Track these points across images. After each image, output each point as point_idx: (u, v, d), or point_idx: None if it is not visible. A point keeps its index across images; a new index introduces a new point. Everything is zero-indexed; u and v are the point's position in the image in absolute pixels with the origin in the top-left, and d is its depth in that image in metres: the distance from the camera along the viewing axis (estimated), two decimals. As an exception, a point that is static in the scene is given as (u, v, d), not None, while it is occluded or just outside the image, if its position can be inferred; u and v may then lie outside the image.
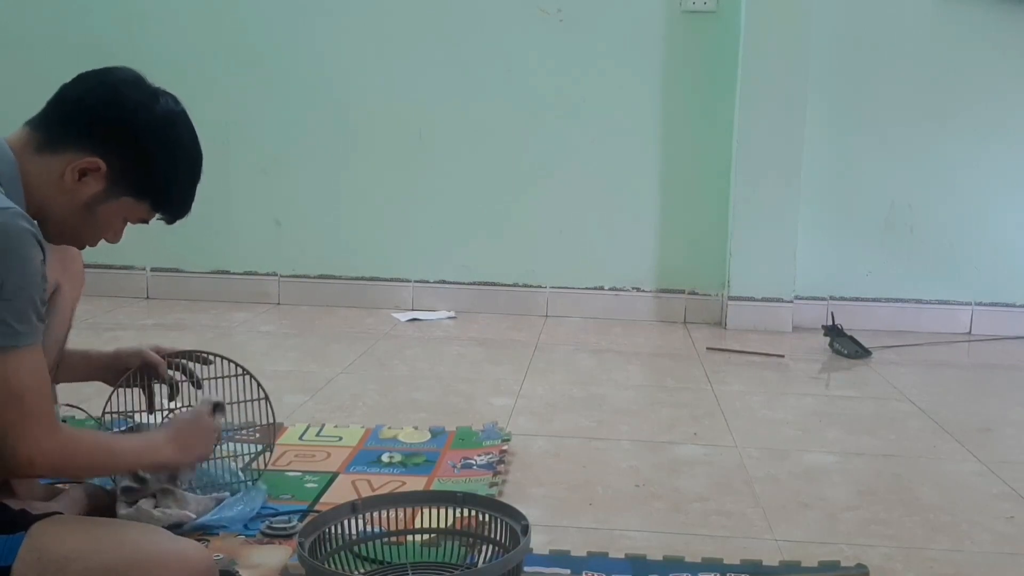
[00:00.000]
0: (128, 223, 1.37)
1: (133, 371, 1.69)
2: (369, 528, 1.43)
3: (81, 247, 1.39)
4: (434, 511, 1.47)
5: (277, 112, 3.53)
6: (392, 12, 3.44)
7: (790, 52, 3.25)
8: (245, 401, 1.80)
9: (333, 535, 1.39)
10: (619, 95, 3.42)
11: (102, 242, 1.38)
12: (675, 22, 3.36)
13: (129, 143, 1.29)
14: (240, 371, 1.80)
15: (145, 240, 3.61)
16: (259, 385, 1.81)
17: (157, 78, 1.39)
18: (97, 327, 3.10)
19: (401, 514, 1.46)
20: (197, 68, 3.47)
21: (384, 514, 1.44)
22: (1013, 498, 1.89)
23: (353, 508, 1.42)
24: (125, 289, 3.58)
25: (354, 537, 1.41)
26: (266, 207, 3.59)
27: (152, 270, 3.64)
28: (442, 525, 1.47)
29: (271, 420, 1.81)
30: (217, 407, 1.56)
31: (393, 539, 1.46)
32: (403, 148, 3.51)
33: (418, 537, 1.50)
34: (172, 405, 1.76)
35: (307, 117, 3.52)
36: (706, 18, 3.35)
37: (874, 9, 3.31)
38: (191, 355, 1.76)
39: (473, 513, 1.45)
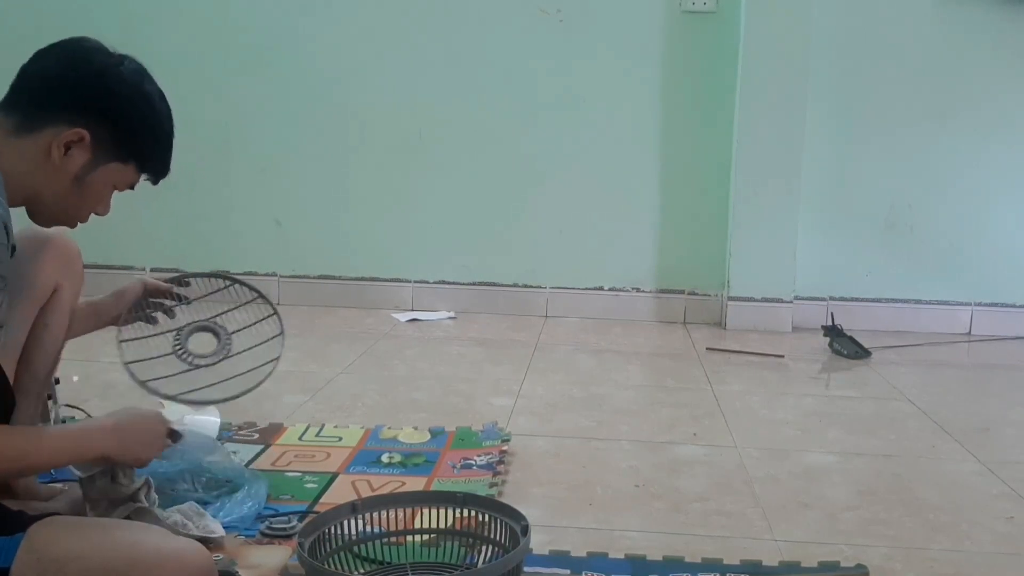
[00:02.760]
0: (116, 191, 1.37)
1: (135, 302, 1.70)
2: (369, 528, 1.43)
3: (74, 225, 1.37)
4: (434, 511, 1.47)
5: (277, 112, 3.53)
6: (392, 12, 3.44)
7: (790, 52, 3.25)
8: (251, 325, 1.78)
9: (333, 535, 1.39)
10: (619, 95, 3.42)
11: (100, 241, 1.37)
12: (675, 22, 3.36)
13: (108, 107, 1.29)
14: (247, 292, 1.79)
15: (145, 240, 3.64)
16: (260, 295, 1.79)
17: (157, 78, 1.39)
18: (97, 327, 3.10)
19: (401, 514, 1.46)
20: (197, 68, 3.47)
21: (384, 514, 1.44)
22: (1013, 498, 1.89)
23: (353, 508, 1.42)
24: (125, 289, 3.57)
25: (354, 537, 1.41)
26: (266, 207, 3.59)
27: (152, 270, 3.64)
28: (442, 525, 1.47)
29: (280, 331, 1.78)
30: (174, 433, 1.44)
31: (393, 539, 1.46)
32: (403, 148, 3.51)
33: (418, 537, 1.51)
34: (178, 325, 1.76)
35: (307, 117, 3.52)
36: (706, 18, 3.35)
37: (874, 9, 3.31)
38: (177, 281, 1.78)
39: (473, 513, 1.45)
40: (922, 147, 3.37)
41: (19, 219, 1.41)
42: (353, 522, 1.41)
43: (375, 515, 1.43)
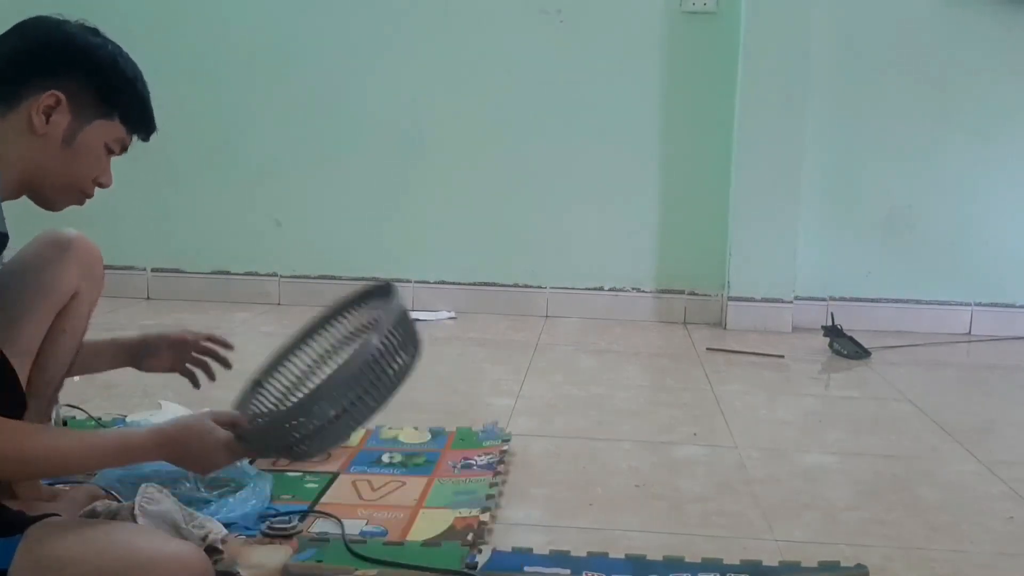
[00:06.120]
0: (113, 154, 1.36)
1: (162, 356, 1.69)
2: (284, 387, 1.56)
3: (82, 200, 1.36)
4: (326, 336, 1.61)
5: (277, 112, 3.53)
6: (392, 12, 3.44)
7: (790, 52, 3.25)
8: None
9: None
10: (619, 95, 3.42)
11: (100, 240, 1.38)
12: (675, 22, 3.36)
13: (74, 61, 1.29)
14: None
15: (145, 240, 3.64)
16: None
17: (158, 79, 1.39)
18: (98, 328, 3.07)
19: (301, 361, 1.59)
20: (198, 69, 3.48)
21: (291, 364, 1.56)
22: (1013, 498, 1.88)
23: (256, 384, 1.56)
24: (125, 289, 3.58)
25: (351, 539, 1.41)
26: (266, 207, 3.59)
27: (152, 270, 3.64)
28: (443, 527, 1.47)
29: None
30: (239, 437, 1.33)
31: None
32: (403, 148, 3.51)
33: (418, 537, 1.51)
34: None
35: (307, 117, 3.52)
36: (706, 18, 3.35)
37: (874, 9, 3.31)
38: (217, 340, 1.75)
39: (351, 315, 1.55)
40: (922, 147, 3.37)
41: (23, 218, 1.41)
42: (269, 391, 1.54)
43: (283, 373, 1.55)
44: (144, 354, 1.69)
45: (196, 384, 1.72)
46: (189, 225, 3.63)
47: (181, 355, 1.71)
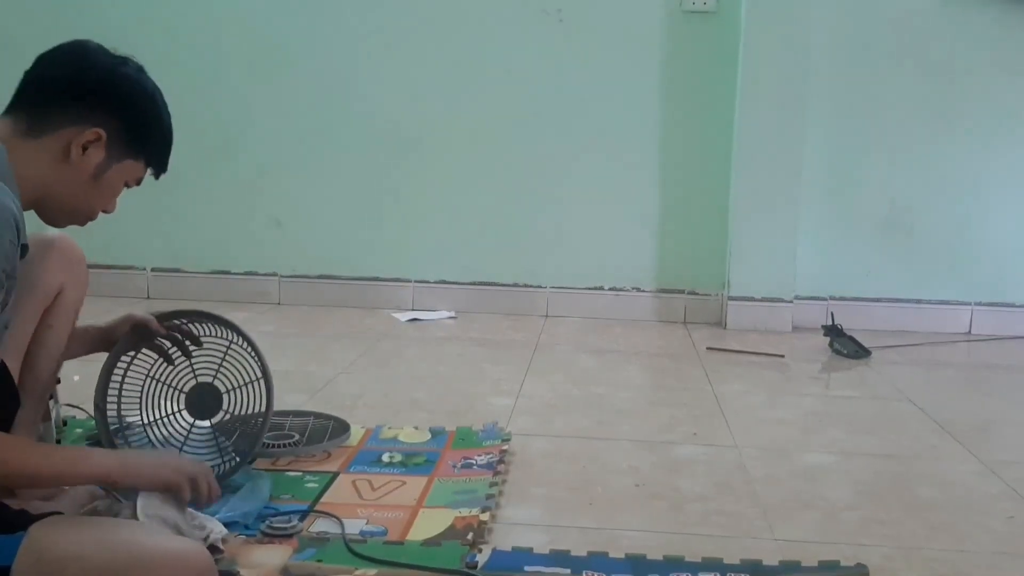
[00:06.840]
0: (126, 187, 1.40)
1: (126, 339, 1.74)
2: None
3: (85, 223, 1.39)
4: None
5: (277, 112, 3.53)
6: (392, 12, 3.44)
7: (790, 52, 3.25)
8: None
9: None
10: (619, 95, 3.42)
11: (100, 240, 1.39)
12: (675, 22, 3.36)
13: (121, 106, 1.32)
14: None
15: (145, 240, 3.64)
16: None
17: (157, 79, 1.40)
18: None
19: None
20: (198, 69, 3.48)
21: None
22: (1013, 498, 1.89)
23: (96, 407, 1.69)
24: (125, 289, 3.58)
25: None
26: (266, 207, 3.59)
27: (152, 270, 3.64)
28: (442, 528, 1.47)
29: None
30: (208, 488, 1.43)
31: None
32: (403, 148, 3.51)
33: (418, 537, 1.51)
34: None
35: (307, 117, 3.52)
36: (706, 18, 3.35)
37: (874, 9, 3.31)
38: (184, 315, 1.82)
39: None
40: (922, 147, 3.37)
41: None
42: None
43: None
44: (114, 338, 1.75)
45: (169, 360, 1.77)
46: (189, 225, 3.64)
47: (145, 337, 1.76)
